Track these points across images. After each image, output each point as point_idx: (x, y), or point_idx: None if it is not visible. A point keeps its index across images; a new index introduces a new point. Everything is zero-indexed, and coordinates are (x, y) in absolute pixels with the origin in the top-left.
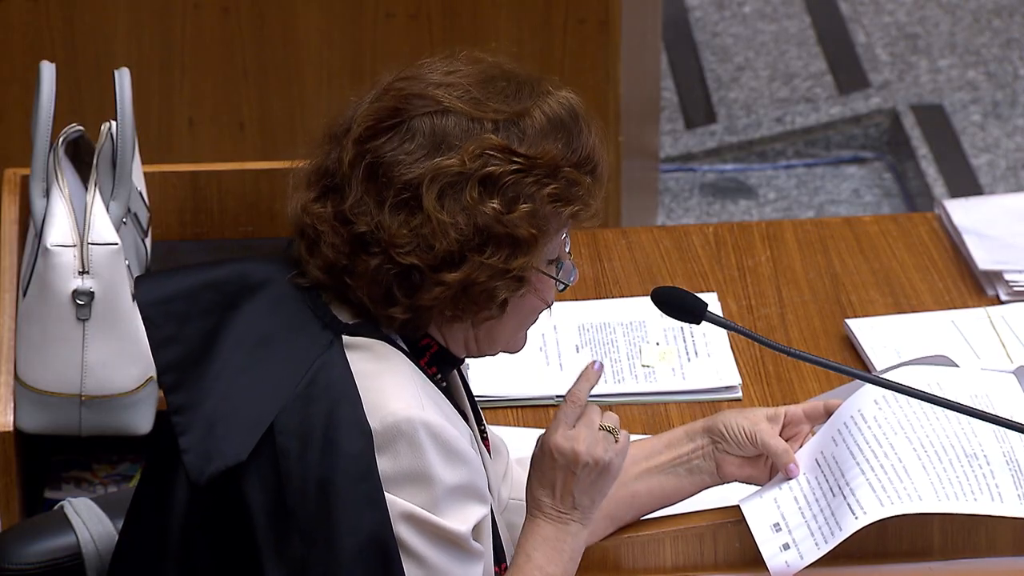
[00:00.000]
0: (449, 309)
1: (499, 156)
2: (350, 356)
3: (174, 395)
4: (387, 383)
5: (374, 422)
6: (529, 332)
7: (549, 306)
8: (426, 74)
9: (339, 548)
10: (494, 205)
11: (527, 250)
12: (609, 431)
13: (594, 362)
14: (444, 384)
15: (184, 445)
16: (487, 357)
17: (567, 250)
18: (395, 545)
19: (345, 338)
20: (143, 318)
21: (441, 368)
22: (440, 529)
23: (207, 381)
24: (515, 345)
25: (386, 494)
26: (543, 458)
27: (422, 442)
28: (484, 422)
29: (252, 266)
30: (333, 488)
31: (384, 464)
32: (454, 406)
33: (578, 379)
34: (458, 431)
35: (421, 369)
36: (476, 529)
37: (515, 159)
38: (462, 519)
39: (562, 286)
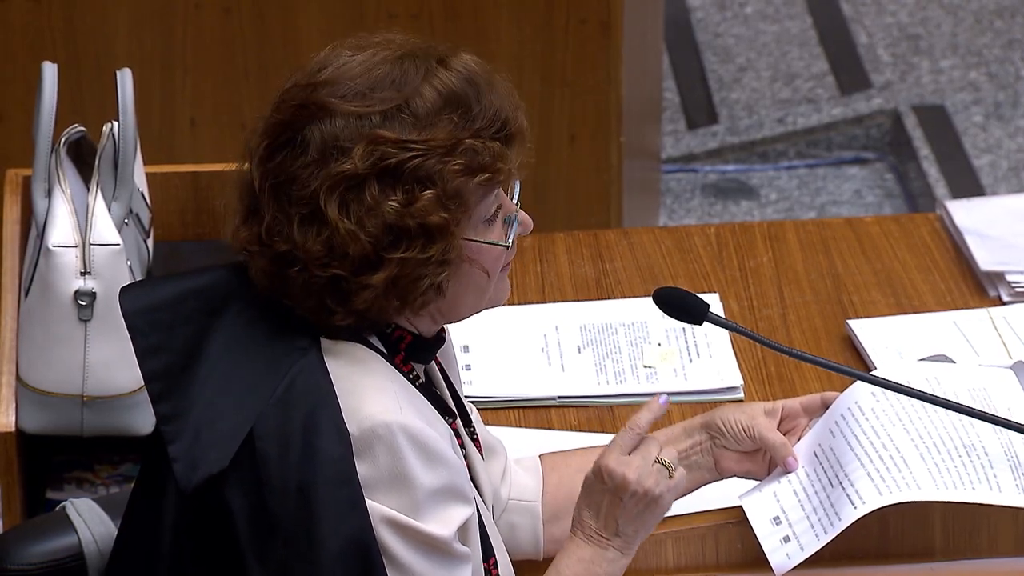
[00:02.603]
0: (388, 303)
1: (392, 148)
2: (328, 360)
3: (162, 404)
4: (365, 387)
5: (352, 427)
6: (510, 278)
7: (508, 247)
8: (315, 76)
9: (320, 552)
10: (395, 200)
11: (443, 234)
12: (665, 466)
13: (660, 395)
14: (421, 381)
15: (173, 454)
16: (470, 318)
17: (515, 201)
18: (376, 548)
19: (323, 341)
20: (128, 328)
21: (419, 359)
22: (422, 534)
23: (193, 389)
24: (494, 300)
25: (367, 500)
26: (593, 479)
27: (400, 446)
28: (473, 422)
29: (234, 272)
30: (313, 493)
31: (363, 469)
32: (435, 404)
33: (641, 408)
34: (437, 432)
35: (397, 367)
36: (462, 530)
37: (409, 146)
38: (444, 522)
39: (505, 246)
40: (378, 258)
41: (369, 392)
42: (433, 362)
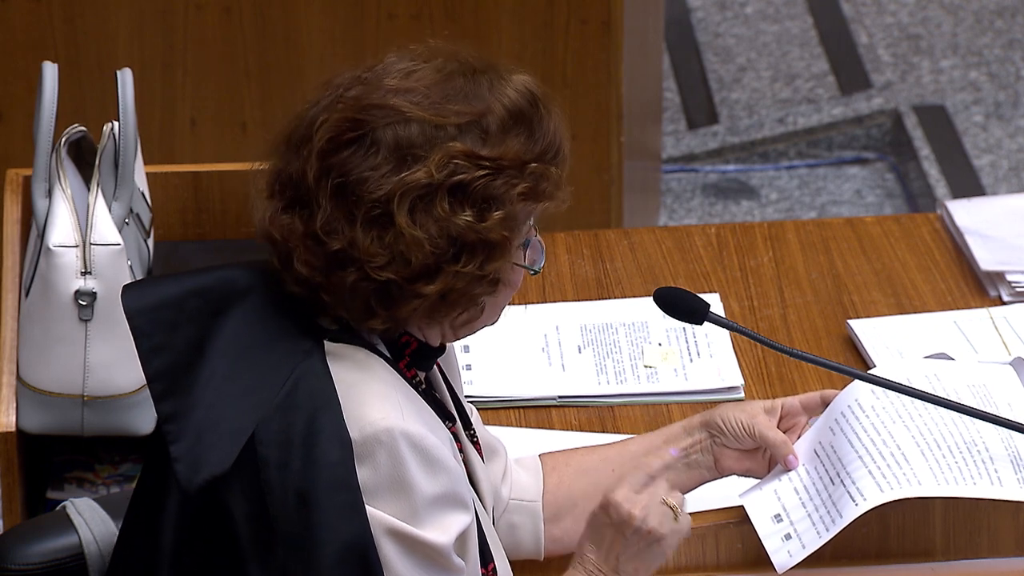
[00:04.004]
0: (428, 315)
1: (465, 163)
2: (331, 364)
3: (164, 403)
4: (367, 392)
5: (353, 432)
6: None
7: (536, 272)
8: (382, 78)
9: (320, 556)
10: (467, 215)
11: (501, 253)
12: (671, 508)
13: (671, 448)
14: (423, 386)
15: (175, 454)
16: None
17: (531, 224)
18: (375, 553)
19: (327, 345)
20: (131, 327)
21: (421, 365)
22: (420, 543)
23: (196, 389)
24: (491, 324)
25: (367, 507)
26: (600, 512)
27: (402, 452)
28: (473, 425)
29: (238, 273)
30: (313, 497)
31: (364, 474)
32: (436, 408)
33: (654, 455)
34: (438, 438)
35: (400, 372)
36: (460, 537)
37: (481, 163)
38: (443, 529)
39: (533, 272)
40: (437, 268)
41: (372, 397)
42: (434, 365)
